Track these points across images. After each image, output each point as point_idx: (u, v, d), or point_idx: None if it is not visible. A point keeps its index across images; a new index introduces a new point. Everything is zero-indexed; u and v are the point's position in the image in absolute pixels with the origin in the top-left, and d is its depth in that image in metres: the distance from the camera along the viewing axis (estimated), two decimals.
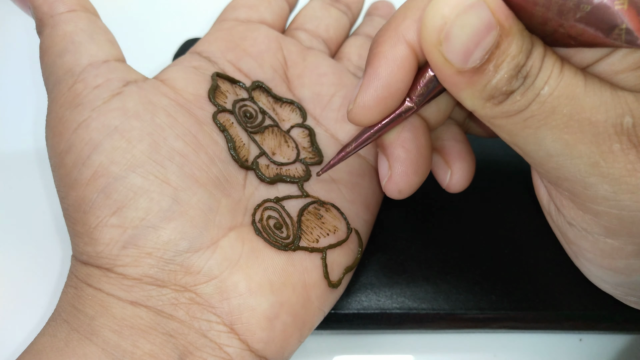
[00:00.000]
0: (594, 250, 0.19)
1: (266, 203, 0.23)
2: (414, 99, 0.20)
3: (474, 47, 0.16)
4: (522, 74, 0.16)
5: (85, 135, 0.20)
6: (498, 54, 0.16)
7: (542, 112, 0.16)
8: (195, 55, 0.26)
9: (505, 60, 0.16)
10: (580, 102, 0.16)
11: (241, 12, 0.29)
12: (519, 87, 0.16)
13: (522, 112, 0.17)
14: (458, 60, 0.16)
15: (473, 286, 0.27)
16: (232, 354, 0.20)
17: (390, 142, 0.22)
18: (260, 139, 0.25)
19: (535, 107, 0.16)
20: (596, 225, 0.18)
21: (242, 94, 0.26)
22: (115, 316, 0.19)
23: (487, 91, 0.17)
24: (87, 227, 0.20)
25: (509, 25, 0.16)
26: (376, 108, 0.19)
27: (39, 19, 0.22)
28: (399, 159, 0.21)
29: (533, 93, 0.16)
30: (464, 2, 0.16)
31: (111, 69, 0.22)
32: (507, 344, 0.28)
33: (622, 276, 0.19)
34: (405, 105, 0.20)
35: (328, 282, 0.22)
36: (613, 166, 0.16)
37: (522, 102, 0.16)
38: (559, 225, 0.20)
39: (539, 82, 0.16)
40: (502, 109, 0.17)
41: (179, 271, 0.20)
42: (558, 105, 0.16)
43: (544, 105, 0.16)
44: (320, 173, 0.24)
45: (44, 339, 0.20)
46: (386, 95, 0.19)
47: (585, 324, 0.27)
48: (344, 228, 0.24)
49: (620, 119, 0.16)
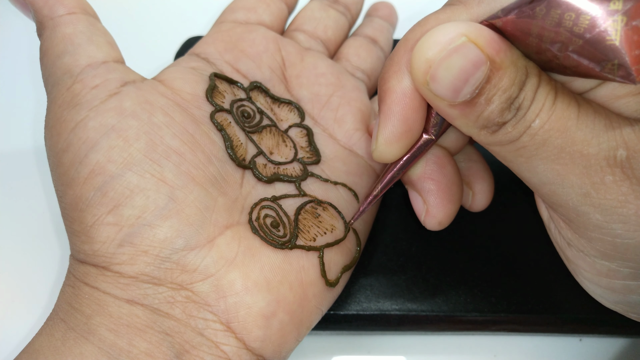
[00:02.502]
0: (591, 270, 0.19)
1: (263, 202, 0.23)
2: (431, 131, 0.20)
3: (462, 84, 0.16)
4: (515, 106, 0.16)
5: (83, 134, 0.20)
6: (489, 88, 0.16)
7: (533, 144, 0.17)
8: (193, 56, 0.27)
9: (496, 94, 0.16)
10: (571, 135, 0.16)
11: (240, 14, 0.29)
12: (511, 118, 0.17)
13: (514, 142, 0.17)
14: (447, 97, 0.17)
15: (472, 288, 0.27)
16: (229, 353, 0.20)
17: (418, 177, 0.22)
18: (257, 139, 0.25)
19: (526, 139, 0.17)
20: (591, 248, 0.18)
21: (240, 94, 0.26)
22: (111, 315, 0.19)
23: (480, 122, 0.17)
24: (84, 226, 0.20)
25: (501, 59, 0.16)
26: (398, 143, 0.20)
27: (39, 22, 0.23)
28: (430, 192, 0.22)
29: (524, 125, 0.17)
30: (448, 45, 0.16)
31: (109, 69, 0.22)
32: (507, 345, 0.28)
33: (620, 295, 0.20)
34: (424, 138, 0.20)
35: (325, 280, 0.22)
36: (605, 197, 0.16)
37: (513, 133, 0.17)
38: (559, 243, 0.21)
39: (531, 114, 0.16)
40: (495, 138, 0.17)
41: (175, 269, 0.20)
42: (549, 138, 0.16)
43: (535, 137, 0.17)
44: (352, 222, 0.24)
45: (42, 338, 0.20)
46: (405, 129, 0.19)
47: (585, 328, 0.27)
48: (342, 227, 0.24)
49: (613, 152, 0.16)
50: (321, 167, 0.26)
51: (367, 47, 0.32)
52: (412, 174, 0.22)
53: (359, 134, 0.28)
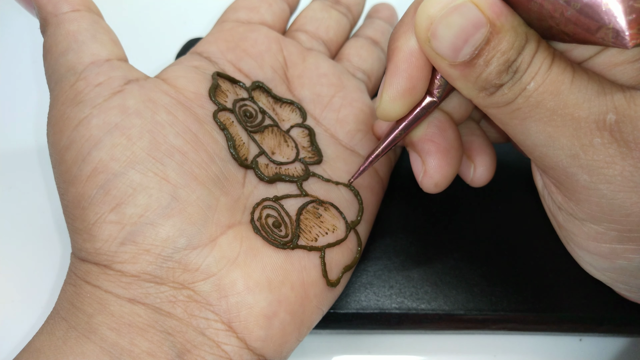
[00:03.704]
0: (580, 234, 0.20)
1: (265, 202, 0.23)
2: (435, 93, 0.21)
3: (462, 43, 0.17)
4: (512, 69, 0.17)
5: (86, 132, 0.20)
6: (488, 49, 0.17)
7: (527, 106, 0.18)
8: (195, 55, 0.27)
9: (495, 56, 0.17)
10: (564, 98, 0.17)
11: (242, 14, 0.29)
12: (508, 81, 0.17)
13: (509, 104, 0.18)
14: (448, 55, 0.17)
15: (472, 287, 0.27)
16: (230, 352, 0.20)
17: (419, 138, 0.23)
18: (259, 139, 0.25)
19: (521, 100, 0.18)
20: (580, 211, 0.19)
21: (242, 93, 0.26)
22: (113, 314, 0.19)
23: (479, 83, 0.18)
24: (86, 224, 0.20)
25: (501, 23, 0.17)
26: (402, 100, 0.20)
27: (43, 18, 0.23)
28: (429, 152, 0.22)
29: (519, 87, 0.17)
30: (450, 3, 0.17)
31: (113, 67, 0.22)
32: (507, 344, 0.28)
33: (607, 261, 0.20)
34: (427, 100, 0.21)
35: (326, 280, 0.22)
36: (592, 158, 0.17)
37: (509, 95, 0.18)
38: (551, 209, 0.22)
39: (526, 77, 0.17)
40: (492, 100, 0.18)
41: (177, 268, 0.20)
42: (542, 100, 0.17)
43: (529, 99, 0.17)
44: (351, 180, 0.25)
45: (42, 337, 0.20)
46: (409, 86, 0.20)
47: (585, 326, 0.27)
48: (343, 227, 0.24)
49: (603, 116, 0.17)
50: (323, 167, 0.26)
51: (368, 48, 0.32)
52: (414, 136, 0.23)
53: (361, 135, 0.28)
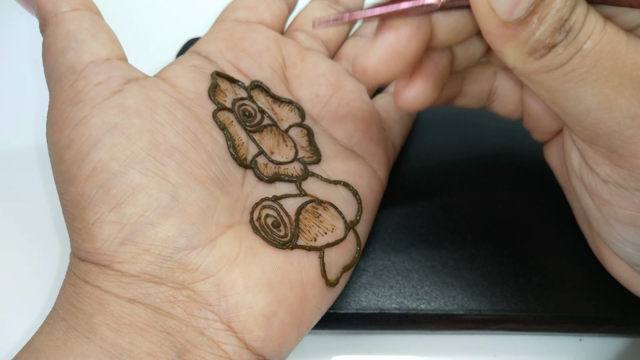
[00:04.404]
0: (630, 206, 0.20)
1: (264, 202, 0.23)
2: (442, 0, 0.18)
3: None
4: (565, 28, 0.17)
5: (85, 131, 0.20)
6: (543, 6, 0.16)
7: (584, 66, 0.17)
8: (194, 54, 0.27)
9: (549, 13, 0.17)
10: (622, 58, 0.17)
11: (241, 13, 0.29)
12: (561, 40, 0.17)
13: (563, 65, 0.17)
14: (504, 10, 0.17)
15: (472, 287, 0.27)
16: (230, 352, 0.20)
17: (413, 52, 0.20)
18: (259, 138, 0.25)
19: (577, 60, 0.17)
20: (633, 179, 0.19)
21: (241, 93, 0.26)
22: (113, 314, 0.19)
23: (530, 44, 0.17)
24: (86, 223, 0.20)
25: None
26: None
27: (42, 18, 0.23)
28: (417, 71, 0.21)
29: (575, 47, 0.17)
30: None
31: (113, 66, 0.22)
32: (507, 345, 0.28)
33: None
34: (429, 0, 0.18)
35: (326, 280, 0.22)
36: None
37: (564, 55, 0.17)
38: (592, 188, 0.21)
39: (582, 36, 0.17)
40: (543, 62, 0.17)
41: (177, 268, 0.20)
42: (600, 60, 0.17)
43: (586, 59, 0.17)
44: (321, 24, 0.21)
45: (42, 337, 0.20)
46: None
47: (585, 327, 0.27)
48: (342, 227, 0.24)
49: None
50: (321, 166, 0.26)
51: None
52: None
53: (360, 134, 0.28)
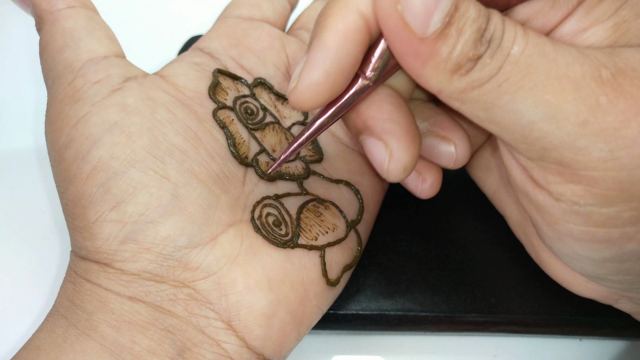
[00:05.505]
0: (586, 223, 0.17)
1: (265, 200, 0.23)
2: (368, 75, 0.18)
3: (433, 7, 0.15)
4: (486, 38, 0.16)
5: (85, 130, 0.20)
6: (458, 16, 0.15)
7: (517, 73, 0.16)
8: (197, 51, 0.26)
9: (466, 23, 0.15)
10: (554, 59, 0.16)
11: (244, 10, 0.29)
12: (485, 50, 0.16)
13: (494, 77, 0.16)
14: (418, 24, 0.15)
15: (473, 289, 0.27)
16: (230, 351, 0.20)
17: (375, 120, 0.20)
18: (260, 136, 0.25)
19: (509, 67, 0.16)
20: (589, 195, 0.17)
21: (244, 90, 0.26)
22: (113, 312, 0.19)
23: (453, 60, 0.16)
24: (86, 222, 0.20)
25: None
26: (325, 85, 0.17)
27: (38, 16, 0.22)
28: (392, 132, 0.19)
29: (503, 54, 0.16)
30: None
31: (111, 64, 0.22)
32: (507, 346, 0.28)
33: (614, 248, 0.18)
34: (360, 82, 0.18)
35: (326, 280, 0.22)
36: (604, 120, 0.15)
37: (493, 65, 0.16)
38: (542, 206, 0.19)
39: (506, 42, 0.16)
40: (472, 77, 0.16)
41: (178, 267, 0.20)
42: (532, 64, 0.16)
43: (518, 64, 0.16)
44: (271, 171, 0.22)
45: (42, 334, 0.20)
46: (336, 70, 0.17)
47: (585, 329, 0.27)
48: (343, 226, 0.24)
49: (598, 71, 0.15)
50: (323, 165, 0.26)
51: None
52: (369, 118, 0.20)
53: None
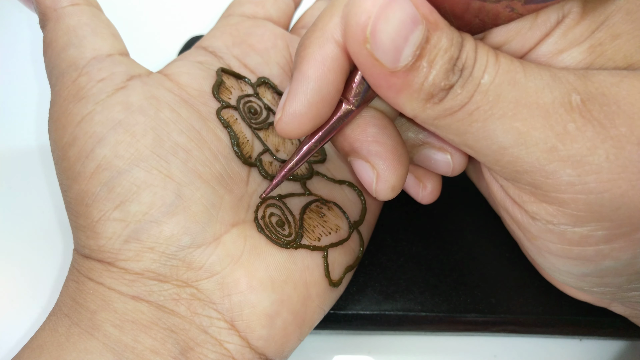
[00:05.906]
0: (561, 241, 0.18)
1: (269, 200, 0.23)
2: (351, 100, 0.19)
3: (403, 42, 0.15)
4: (458, 67, 0.16)
5: (89, 128, 0.20)
6: (429, 48, 0.15)
7: (487, 102, 0.16)
8: (200, 50, 0.26)
9: (438, 55, 0.16)
10: (523, 86, 0.16)
11: (247, 8, 0.29)
12: (457, 80, 0.16)
13: (465, 105, 0.16)
14: (389, 59, 0.15)
15: (473, 289, 0.27)
16: (232, 351, 0.20)
17: (361, 142, 0.20)
18: (264, 136, 0.25)
19: (479, 97, 0.16)
20: (562, 215, 0.17)
21: (248, 89, 0.26)
22: (116, 311, 0.19)
23: (425, 90, 0.16)
24: (90, 221, 0.20)
25: (434, 19, 0.15)
26: (308, 115, 0.18)
27: (42, 13, 0.22)
28: (378, 154, 0.20)
29: (473, 84, 0.16)
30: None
31: (115, 62, 0.22)
32: (507, 346, 0.28)
33: (591, 265, 0.18)
34: (343, 108, 0.19)
35: (329, 280, 0.22)
36: (572, 147, 0.16)
37: (463, 94, 0.16)
38: (520, 222, 0.19)
39: (477, 72, 0.16)
40: (444, 105, 0.16)
41: (181, 266, 0.20)
42: (502, 93, 0.16)
43: (487, 94, 0.16)
44: (263, 196, 0.22)
45: (45, 333, 0.20)
46: (318, 99, 0.18)
47: (585, 329, 0.27)
48: (346, 227, 0.24)
49: (567, 97, 0.16)
50: (326, 166, 0.26)
51: None
52: (355, 140, 0.20)
53: None
